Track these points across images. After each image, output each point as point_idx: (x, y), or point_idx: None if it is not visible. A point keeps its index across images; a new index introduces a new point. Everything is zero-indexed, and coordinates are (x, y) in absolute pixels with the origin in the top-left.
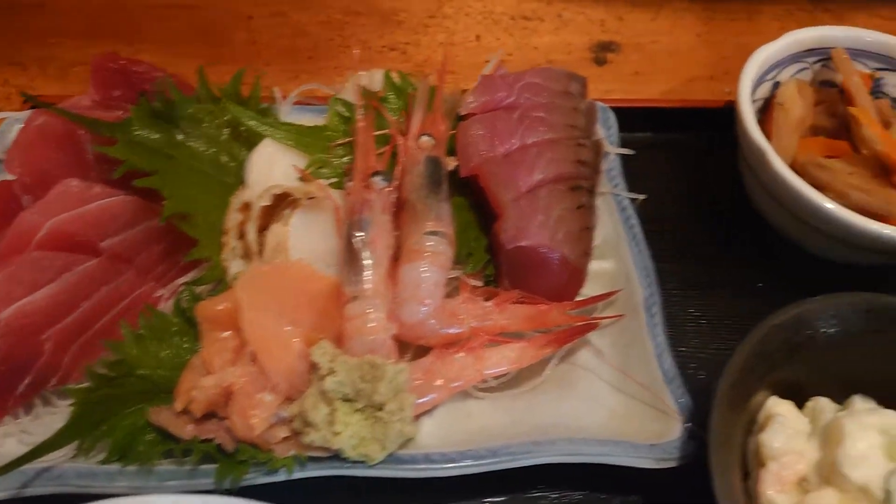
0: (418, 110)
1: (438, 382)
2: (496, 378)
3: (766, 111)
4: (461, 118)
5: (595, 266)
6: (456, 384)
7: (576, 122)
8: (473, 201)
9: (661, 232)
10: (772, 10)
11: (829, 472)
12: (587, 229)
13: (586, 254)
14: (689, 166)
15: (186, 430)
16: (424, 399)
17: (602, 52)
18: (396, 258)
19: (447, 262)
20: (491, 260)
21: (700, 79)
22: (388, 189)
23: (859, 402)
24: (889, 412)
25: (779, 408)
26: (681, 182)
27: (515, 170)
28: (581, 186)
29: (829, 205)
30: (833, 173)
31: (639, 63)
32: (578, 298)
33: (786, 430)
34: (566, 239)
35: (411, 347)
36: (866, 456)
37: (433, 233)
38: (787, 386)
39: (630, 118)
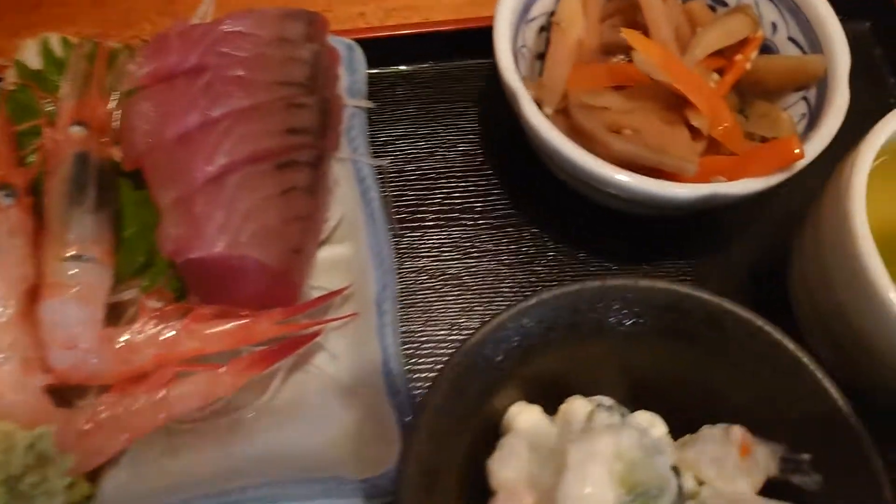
0: (70, 90)
1: (117, 429)
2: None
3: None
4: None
5: (330, 253)
6: (138, 428)
7: (292, 76)
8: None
9: (432, 190)
10: None
11: None
12: (299, 218)
13: (297, 250)
14: (477, 103)
15: None
16: (107, 447)
17: None
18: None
19: (99, 290)
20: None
21: None
22: (14, 206)
23: (603, 416)
24: (631, 428)
25: (520, 418)
26: (465, 124)
27: (193, 156)
28: (295, 162)
29: (580, 158)
30: (598, 115)
31: None
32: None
33: (517, 452)
34: (258, 239)
35: (93, 387)
36: (589, 495)
37: (76, 257)
38: (549, 381)
39: (398, 48)
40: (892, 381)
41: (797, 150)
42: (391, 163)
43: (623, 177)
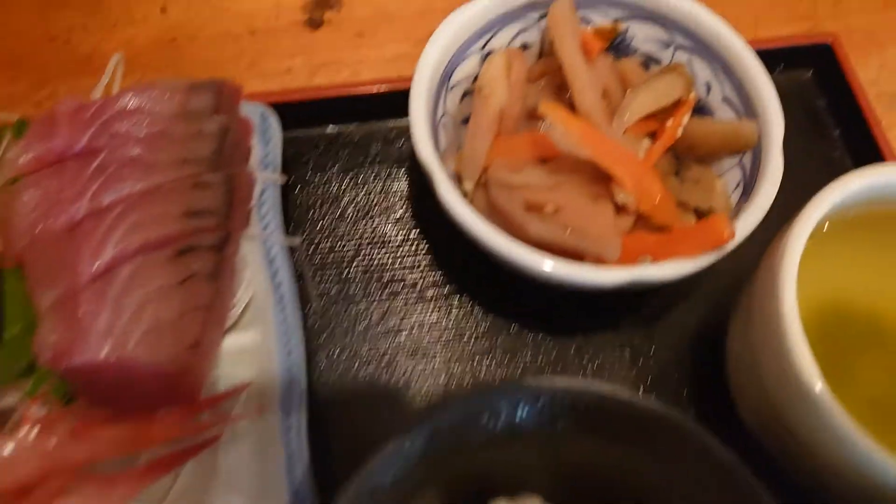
0: None
1: None
2: None
3: None
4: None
5: (238, 340)
6: None
7: (196, 153)
8: None
9: (358, 261)
10: None
11: None
12: (199, 309)
13: (195, 345)
14: (407, 165)
15: None
16: None
17: (318, 10)
18: None
19: None
20: None
21: None
22: None
23: None
24: None
25: None
26: (395, 188)
27: (78, 250)
28: (196, 246)
29: (494, 242)
30: (518, 193)
31: (365, 20)
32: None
33: None
34: (149, 338)
35: None
36: None
37: None
38: (470, 482)
39: (322, 109)
40: (829, 478)
41: (727, 233)
42: (314, 232)
43: (538, 262)
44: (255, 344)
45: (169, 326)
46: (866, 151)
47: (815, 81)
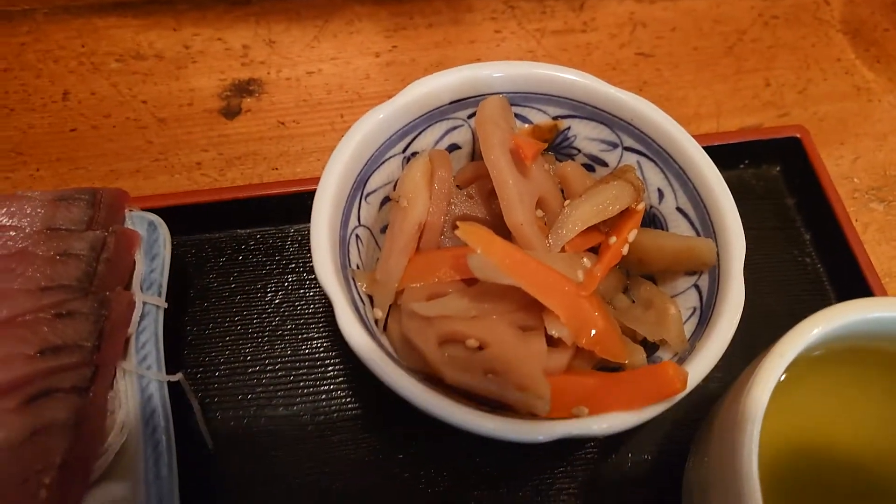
0: None
1: None
2: None
3: None
4: None
5: (107, 494)
6: None
7: (61, 277)
8: None
9: (266, 394)
10: (487, 3)
11: None
12: (51, 467)
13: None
14: None
15: None
16: None
17: (237, 97)
18: None
19: None
20: None
21: None
22: None
23: None
24: None
25: None
26: (312, 299)
27: None
28: (54, 390)
29: (401, 387)
30: (435, 326)
31: (287, 107)
32: None
33: None
34: None
35: None
36: None
37: None
38: None
39: (228, 213)
40: None
41: (678, 383)
42: (212, 355)
43: (450, 414)
44: (124, 500)
45: (10, 492)
46: (840, 258)
47: (784, 178)
